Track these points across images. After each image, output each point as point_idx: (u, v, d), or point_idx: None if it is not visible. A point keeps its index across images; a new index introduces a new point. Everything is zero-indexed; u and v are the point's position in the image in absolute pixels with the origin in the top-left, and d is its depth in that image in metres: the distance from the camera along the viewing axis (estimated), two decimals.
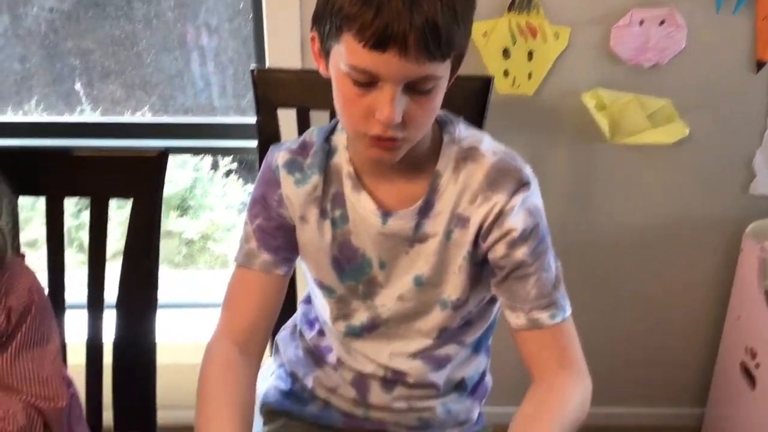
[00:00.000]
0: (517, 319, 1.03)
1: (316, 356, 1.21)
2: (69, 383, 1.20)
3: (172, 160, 1.23)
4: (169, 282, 2.18)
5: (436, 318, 1.10)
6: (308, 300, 1.25)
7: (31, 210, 1.96)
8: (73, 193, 1.23)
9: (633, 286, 1.95)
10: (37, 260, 1.24)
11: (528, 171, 1.03)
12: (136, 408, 1.29)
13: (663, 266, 1.93)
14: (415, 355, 1.14)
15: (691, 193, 1.84)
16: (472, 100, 1.34)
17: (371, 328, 1.13)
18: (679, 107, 1.71)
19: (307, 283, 1.20)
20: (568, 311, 1.04)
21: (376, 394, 1.17)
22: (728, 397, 1.93)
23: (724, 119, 1.76)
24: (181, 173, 2.27)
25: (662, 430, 2.09)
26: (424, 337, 1.12)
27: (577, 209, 1.85)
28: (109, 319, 1.25)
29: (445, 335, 1.13)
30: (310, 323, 1.23)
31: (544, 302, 1.02)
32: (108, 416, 1.29)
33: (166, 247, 2.13)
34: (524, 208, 1.01)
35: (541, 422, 0.94)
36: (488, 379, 1.26)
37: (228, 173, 2.33)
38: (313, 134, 1.09)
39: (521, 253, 1.01)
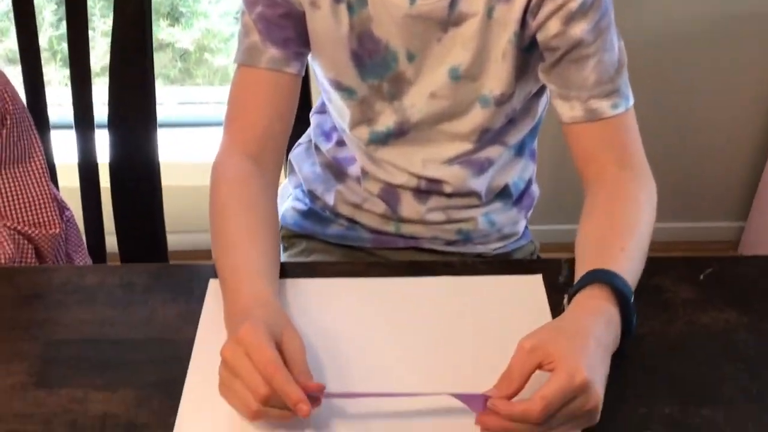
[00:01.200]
0: (571, 111, 0.90)
1: (336, 170, 1.09)
2: (62, 207, 1.10)
3: None
4: (166, 99, 2.02)
5: (475, 118, 0.97)
6: (322, 109, 1.11)
7: (6, 19, 1.77)
8: None
9: (679, 88, 1.83)
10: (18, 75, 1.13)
11: None
12: (142, 233, 1.22)
13: (712, 65, 1.81)
14: (451, 161, 1.01)
15: None
16: None
17: (399, 134, 0.99)
18: None
19: (320, 90, 1.05)
20: (632, 100, 0.91)
21: (409, 206, 1.05)
22: None
23: None
24: None
25: (700, 244, 2.05)
26: (462, 141, 0.99)
27: (623, 4, 1.69)
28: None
29: (485, 138, 0.99)
30: (326, 134, 1.10)
31: (605, 89, 0.89)
32: (112, 242, 1.22)
33: (158, 60, 1.97)
34: None
35: (615, 237, 0.82)
36: (535, 188, 1.14)
37: None
38: None
39: (579, 29, 0.86)
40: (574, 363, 0.67)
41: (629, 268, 0.78)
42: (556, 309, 0.84)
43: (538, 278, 0.89)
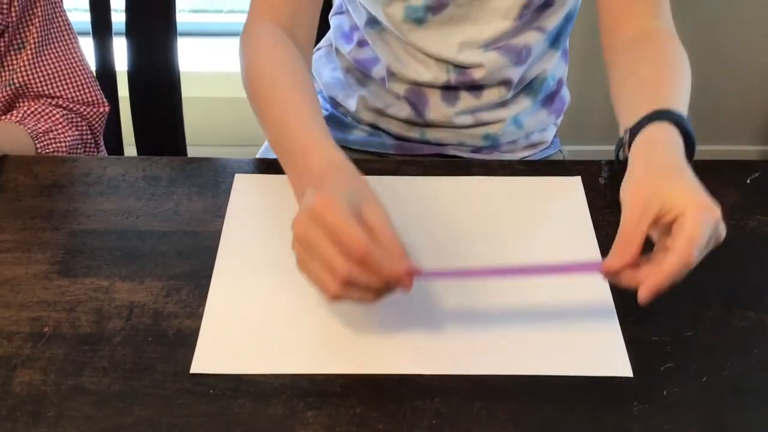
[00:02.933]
0: None
1: (358, 73, 1.05)
2: None
3: None
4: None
5: None
6: (340, 10, 1.07)
7: None
8: None
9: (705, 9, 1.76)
10: None
11: None
12: (163, 143, 1.20)
13: None
14: (489, 45, 0.97)
15: None
16: None
17: (437, 8, 0.94)
18: None
19: None
20: None
21: (436, 108, 1.01)
22: None
23: None
24: None
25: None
26: (502, 19, 0.95)
27: None
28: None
29: (526, 15, 0.95)
30: (347, 36, 1.05)
31: None
32: (130, 152, 1.20)
33: None
34: None
35: (664, 81, 0.80)
36: (566, 92, 1.10)
37: None
38: None
39: None
40: (698, 198, 0.64)
41: (683, 102, 0.77)
42: (596, 211, 0.82)
43: (577, 180, 0.86)
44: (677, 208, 0.64)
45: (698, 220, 0.63)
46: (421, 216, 0.81)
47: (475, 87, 1.00)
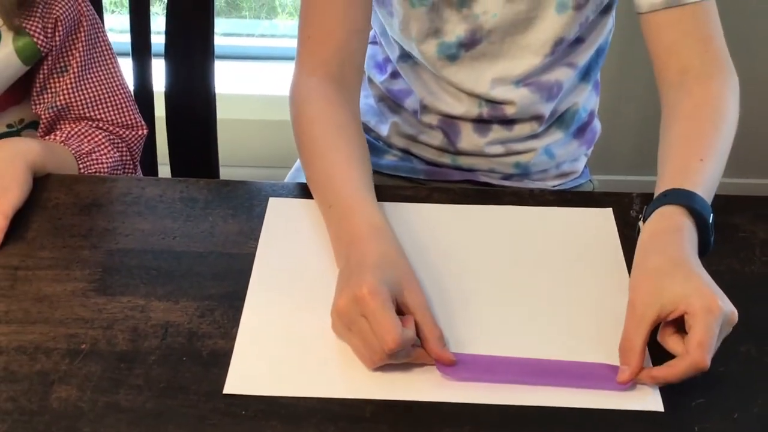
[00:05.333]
0: None
1: (391, 102, 1.06)
2: None
3: None
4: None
5: (551, 25, 0.93)
6: (374, 40, 1.08)
7: None
8: None
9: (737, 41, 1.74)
10: None
11: None
12: (196, 163, 1.21)
13: None
14: (520, 81, 0.98)
15: None
16: None
17: (470, 45, 0.95)
18: None
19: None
20: None
21: (468, 138, 1.02)
22: None
23: None
24: None
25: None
26: (534, 55, 0.96)
27: None
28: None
29: (558, 51, 0.96)
30: (379, 66, 1.07)
31: None
32: (164, 172, 1.22)
33: None
34: None
35: (695, 146, 0.80)
36: (597, 123, 1.11)
37: None
38: None
39: None
40: (700, 297, 0.66)
41: (708, 177, 0.77)
42: (627, 243, 0.82)
43: (608, 212, 0.86)
44: (681, 306, 0.67)
45: (706, 324, 0.65)
46: (452, 243, 0.82)
47: (507, 121, 1.01)
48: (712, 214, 0.75)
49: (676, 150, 0.82)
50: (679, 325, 0.68)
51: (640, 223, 0.77)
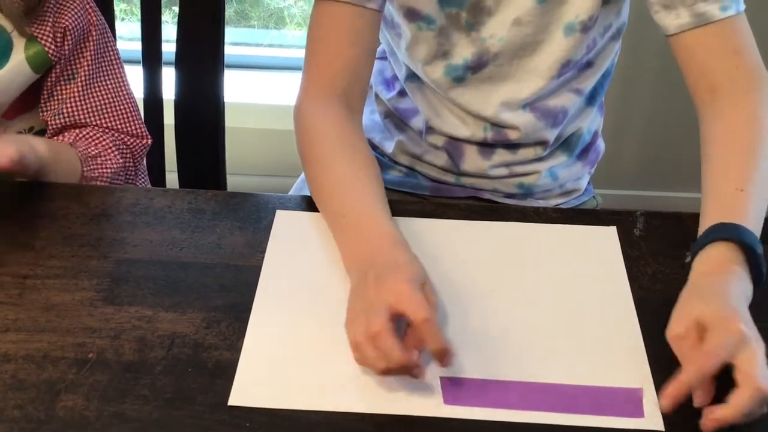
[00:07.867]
0: (676, 19, 0.86)
1: (397, 119, 1.07)
2: None
3: None
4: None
5: (559, 48, 0.93)
6: (383, 55, 1.08)
7: None
8: None
9: None
10: None
11: None
12: (203, 171, 1.22)
13: None
14: (527, 105, 0.98)
15: None
16: None
17: (477, 67, 0.96)
18: None
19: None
20: (743, 5, 0.86)
21: (472, 160, 1.03)
22: None
23: None
24: None
25: None
26: (540, 78, 0.96)
27: None
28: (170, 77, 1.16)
29: (564, 74, 0.96)
30: (387, 83, 1.07)
31: None
32: (172, 179, 1.23)
33: None
34: None
35: (733, 176, 0.79)
36: (600, 143, 1.11)
37: None
38: None
39: None
40: (750, 349, 0.64)
41: (751, 206, 0.76)
42: (630, 262, 0.82)
43: (612, 230, 0.87)
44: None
45: (755, 364, 0.63)
46: (455, 259, 0.83)
47: (512, 145, 1.02)
48: (761, 244, 0.74)
49: (713, 181, 0.81)
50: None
51: (688, 259, 0.76)
